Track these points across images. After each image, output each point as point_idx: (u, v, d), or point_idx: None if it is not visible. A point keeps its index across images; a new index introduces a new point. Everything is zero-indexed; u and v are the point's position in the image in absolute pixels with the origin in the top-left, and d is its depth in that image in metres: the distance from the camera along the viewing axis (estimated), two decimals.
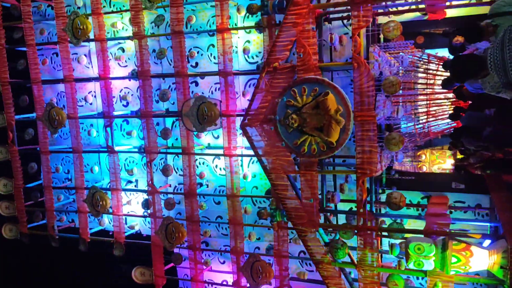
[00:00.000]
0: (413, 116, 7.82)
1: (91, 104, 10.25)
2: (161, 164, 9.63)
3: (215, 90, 9.06)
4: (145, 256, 9.26)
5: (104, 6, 9.25)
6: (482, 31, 4.31)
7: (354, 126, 6.22)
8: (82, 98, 10.21)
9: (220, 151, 8.31)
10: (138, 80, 8.54)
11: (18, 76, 9.89)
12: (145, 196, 9.12)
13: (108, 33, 9.36)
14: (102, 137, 10.16)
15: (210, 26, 8.97)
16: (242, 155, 8.51)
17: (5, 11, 9.67)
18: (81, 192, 9.42)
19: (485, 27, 4.30)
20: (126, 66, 9.78)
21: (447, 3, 6.23)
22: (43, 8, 10.37)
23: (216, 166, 9.42)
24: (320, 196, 7.22)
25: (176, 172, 9.56)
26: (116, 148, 9.23)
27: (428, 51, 8.20)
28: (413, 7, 7.01)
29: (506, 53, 3.90)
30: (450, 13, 7.08)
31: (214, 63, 8.91)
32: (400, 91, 6.80)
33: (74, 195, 9.89)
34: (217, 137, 9.14)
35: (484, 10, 6.39)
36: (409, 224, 7.97)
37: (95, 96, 10.21)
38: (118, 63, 9.82)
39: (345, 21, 7.85)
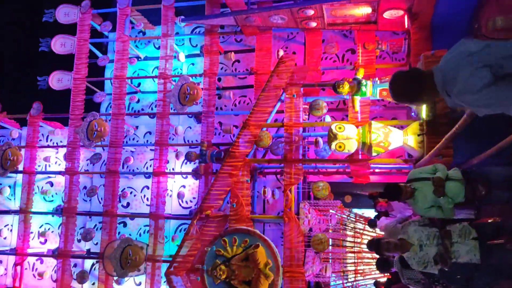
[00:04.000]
0: (342, 274, 7.80)
1: (5, 238, 9.41)
2: None
3: (144, 232, 8.72)
4: None
5: (40, 140, 9.16)
6: (402, 191, 4.67)
7: (282, 281, 6.06)
8: None
9: None
10: (62, 216, 8.10)
11: None
12: None
13: (39, 166, 9.11)
14: (10, 277, 9.12)
15: (147, 169, 9.02)
16: None
17: None
18: None
19: (404, 188, 4.69)
20: (52, 201, 9.34)
21: (370, 170, 6.77)
22: None
23: None
24: None
25: None
26: None
27: (355, 210, 8.60)
28: (341, 170, 7.53)
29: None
30: (375, 178, 7.64)
31: (147, 205, 8.74)
32: (330, 248, 6.88)
33: None
34: (139, 284, 8.50)
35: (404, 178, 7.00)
36: None
37: (11, 230, 9.44)
38: (44, 197, 9.37)
39: (278, 176, 8.21)
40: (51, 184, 9.46)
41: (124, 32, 8.54)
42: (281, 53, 8.22)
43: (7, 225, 9.50)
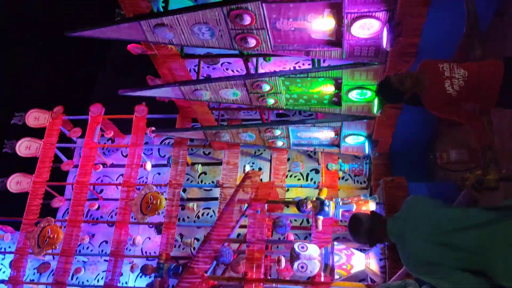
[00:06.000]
0: None
1: None
2: None
3: None
4: None
5: None
6: None
7: None
8: None
9: None
10: None
11: None
12: None
13: None
14: None
15: (98, 281, 8.45)
16: None
17: None
18: None
19: None
20: None
21: None
22: None
23: None
24: None
25: None
26: None
27: None
28: None
29: None
30: None
31: None
32: None
33: None
34: None
35: None
36: None
37: None
38: None
39: None
40: None
41: (93, 139, 8.60)
42: (248, 168, 8.39)
43: None
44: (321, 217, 6.34)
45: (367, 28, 4.88)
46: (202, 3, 5.61)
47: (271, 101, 6.71)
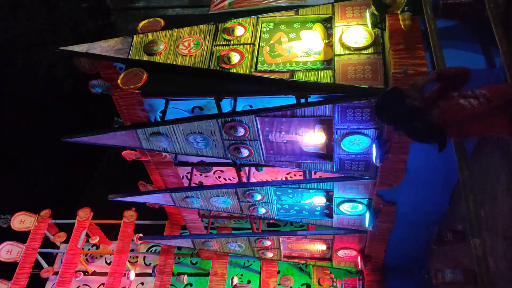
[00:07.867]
0: None
1: None
2: None
3: None
4: None
5: None
6: None
7: None
8: None
9: None
10: None
11: None
12: None
13: None
14: None
15: None
16: None
17: None
18: None
19: None
20: None
21: None
22: None
23: None
24: None
25: None
26: None
27: None
28: None
29: None
30: None
31: None
32: None
33: None
34: None
35: None
36: None
37: None
38: None
39: None
40: None
41: (77, 245, 8.31)
42: (236, 280, 8.03)
43: None
44: None
45: (357, 143, 5.02)
46: (198, 115, 5.85)
47: (262, 210, 6.65)
